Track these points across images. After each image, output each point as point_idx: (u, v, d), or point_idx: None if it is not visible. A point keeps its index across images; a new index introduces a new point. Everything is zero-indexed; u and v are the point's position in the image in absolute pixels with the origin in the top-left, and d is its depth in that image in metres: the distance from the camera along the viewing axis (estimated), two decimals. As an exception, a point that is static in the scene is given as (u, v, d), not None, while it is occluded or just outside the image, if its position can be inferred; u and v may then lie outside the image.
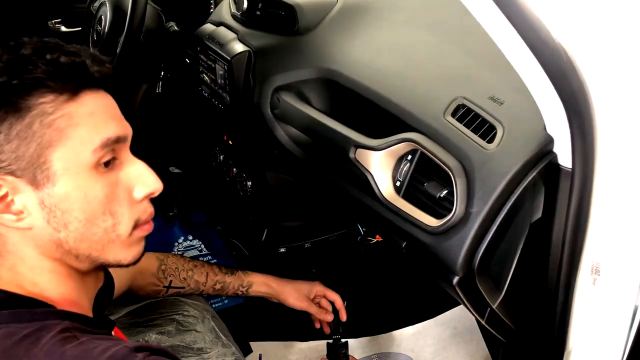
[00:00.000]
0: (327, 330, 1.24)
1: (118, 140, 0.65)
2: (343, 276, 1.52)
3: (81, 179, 0.63)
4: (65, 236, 0.64)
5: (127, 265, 0.71)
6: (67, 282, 0.67)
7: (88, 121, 0.62)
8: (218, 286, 1.16)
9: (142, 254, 0.72)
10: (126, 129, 0.67)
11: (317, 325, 1.25)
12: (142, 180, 0.68)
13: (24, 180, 0.61)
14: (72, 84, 0.62)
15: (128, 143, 0.68)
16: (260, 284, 1.20)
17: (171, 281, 1.11)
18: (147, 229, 0.71)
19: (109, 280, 0.84)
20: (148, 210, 0.70)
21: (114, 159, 0.66)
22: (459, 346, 1.59)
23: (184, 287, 1.14)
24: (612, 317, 0.76)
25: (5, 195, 0.61)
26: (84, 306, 0.69)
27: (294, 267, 1.58)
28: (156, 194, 0.70)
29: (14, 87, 0.59)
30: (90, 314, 0.70)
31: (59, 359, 0.57)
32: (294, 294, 1.21)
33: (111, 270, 0.83)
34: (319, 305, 1.24)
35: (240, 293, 1.19)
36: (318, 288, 1.22)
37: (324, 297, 1.23)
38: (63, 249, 0.65)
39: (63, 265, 0.67)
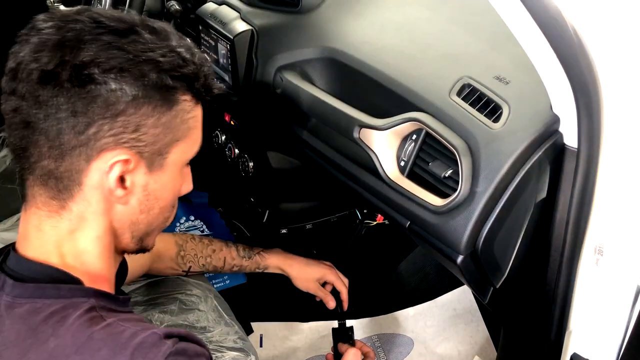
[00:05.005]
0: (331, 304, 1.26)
1: None
2: (344, 258, 1.53)
3: (177, 173, 0.70)
4: (143, 218, 0.69)
5: (148, 251, 0.76)
6: (107, 258, 0.69)
7: (201, 125, 0.71)
8: (235, 269, 1.20)
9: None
10: None
11: (318, 299, 1.28)
12: (189, 178, 0.76)
13: (144, 162, 0.65)
14: (203, 91, 0.69)
15: None
16: (274, 268, 1.24)
17: (190, 267, 1.14)
18: None
19: (124, 260, 0.86)
20: None
21: None
22: (459, 327, 1.60)
23: (202, 273, 1.19)
24: (614, 298, 0.76)
25: (126, 172, 0.64)
26: (111, 282, 0.71)
27: (295, 248, 1.59)
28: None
29: (171, 79, 0.63)
30: (114, 289, 0.72)
31: (87, 341, 0.58)
32: (304, 282, 1.25)
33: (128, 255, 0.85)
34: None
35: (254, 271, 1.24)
36: (329, 277, 1.26)
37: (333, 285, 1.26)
38: (132, 228, 0.69)
39: (112, 241, 0.69)
